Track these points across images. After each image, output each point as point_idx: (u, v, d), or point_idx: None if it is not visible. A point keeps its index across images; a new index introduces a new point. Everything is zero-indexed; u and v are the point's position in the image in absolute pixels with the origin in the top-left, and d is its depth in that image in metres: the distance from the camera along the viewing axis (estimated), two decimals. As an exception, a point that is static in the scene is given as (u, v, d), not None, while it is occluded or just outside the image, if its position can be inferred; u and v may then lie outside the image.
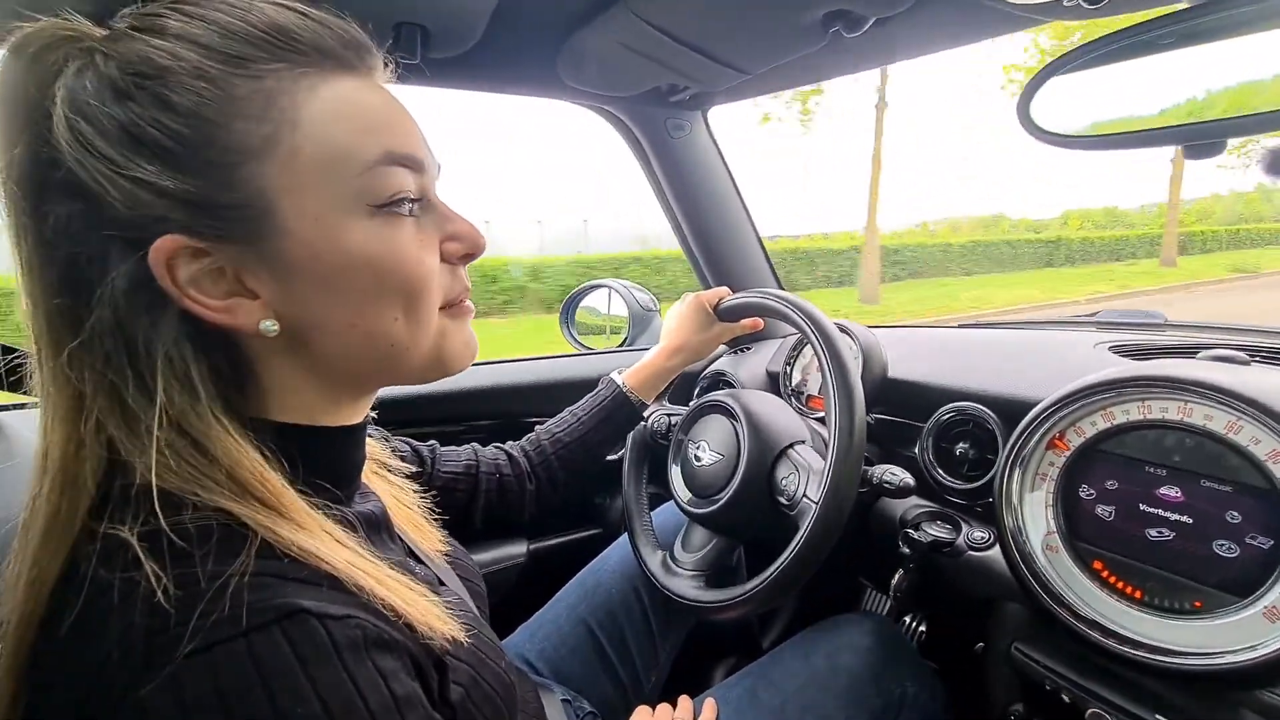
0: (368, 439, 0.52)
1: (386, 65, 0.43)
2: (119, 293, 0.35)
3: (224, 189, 0.36)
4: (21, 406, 0.82)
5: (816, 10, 0.69)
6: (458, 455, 0.80)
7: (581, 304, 1.60)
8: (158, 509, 0.33)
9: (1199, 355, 0.70)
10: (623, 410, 0.89)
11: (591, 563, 0.99)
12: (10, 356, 0.43)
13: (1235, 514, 0.59)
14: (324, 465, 0.43)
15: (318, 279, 0.38)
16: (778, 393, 1.15)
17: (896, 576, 0.88)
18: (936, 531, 0.83)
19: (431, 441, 0.79)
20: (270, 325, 0.38)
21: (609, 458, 1.25)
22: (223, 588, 0.31)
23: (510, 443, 0.86)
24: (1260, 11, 0.46)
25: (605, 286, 1.56)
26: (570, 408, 0.89)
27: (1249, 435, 0.58)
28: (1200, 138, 0.63)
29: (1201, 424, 0.61)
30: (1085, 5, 0.55)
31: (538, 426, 0.88)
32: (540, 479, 0.84)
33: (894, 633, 0.83)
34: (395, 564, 0.42)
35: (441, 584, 0.53)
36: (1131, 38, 0.61)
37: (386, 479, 0.59)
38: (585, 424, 0.87)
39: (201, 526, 0.34)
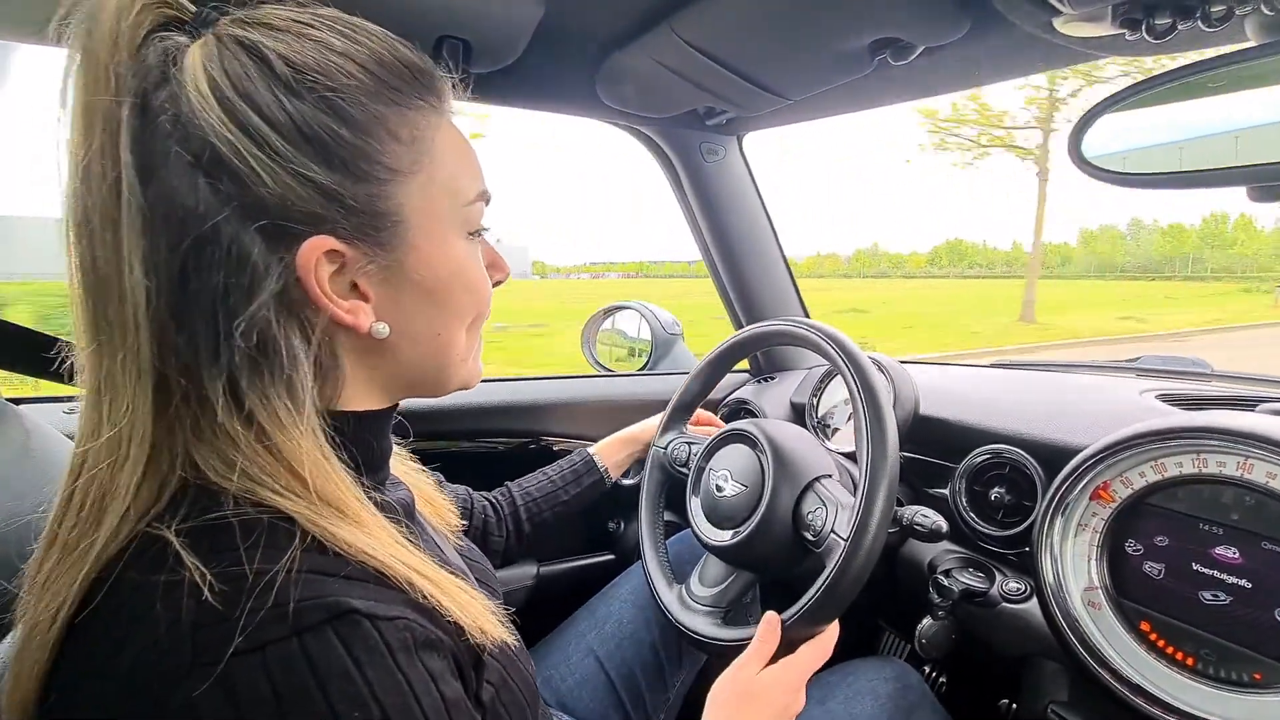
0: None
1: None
2: (258, 283, 0.35)
3: (376, 200, 0.39)
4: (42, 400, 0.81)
5: (865, 36, 0.68)
6: (455, 492, 0.83)
7: (604, 326, 1.59)
8: (203, 506, 0.33)
9: (1259, 408, 0.67)
10: (589, 477, 0.93)
11: (602, 590, 0.96)
12: (54, 347, 0.42)
13: (1301, 581, 0.55)
14: (365, 451, 0.44)
15: (424, 290, 0.42)
16: (802, 425, 1.12)
17: (924, 623, 0.84)
18: (969, 580, 0.79)
19: (436, 475, 0.78)
20: (383, 327, 0.41)
21: (624, 482, 1.23)
22: (269, 584, 0.31)
23: (487, 493, 0.89)
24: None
25: (629, 308, 1.55)
26: (544, 469, 0.93)
27: (1318, 497, 0.54)
28: (1264, 180, 0.60)
29: (1264, 482, 0.57)
30: (1148, 39, 0.53)
31: (508, 483, 0.91)
32: (508, 530, 0.86)
33: (917, 681, 0.79)
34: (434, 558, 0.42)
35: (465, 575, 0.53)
36: (1190, 75, 0.59)
37: (404, 463, 0.61)
38: (554, 483, 0.91)
39: (246, 522, 0.33)
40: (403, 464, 0.60)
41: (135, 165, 0.33)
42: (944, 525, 0.73)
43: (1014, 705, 0.82)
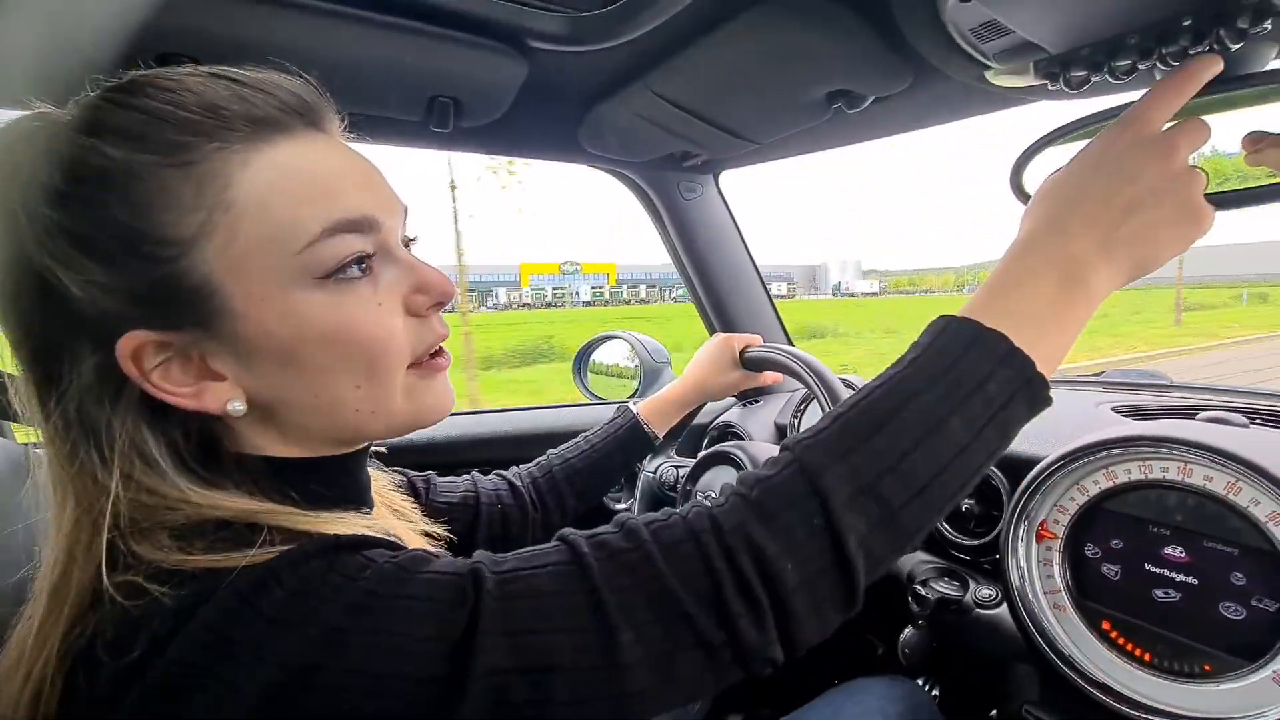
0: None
1: (341, 119, 0.44)
2: (84, 386, 0.37)
3: (170, 282, 0.36)
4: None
5: (821, 88, 0.74)
6: (455, 486, 0.79)
7: (594, 355, 1.64)
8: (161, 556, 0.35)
9: (1199, 416, 0.72)
10: (635, 438, 0.89)
11: None
12: None
13: (1240, 575, 0.59)
14: (332, 488, 0.45)
15: (275, 356, 0.39)
16: (786, 446, 1.16)
17: (905, 634, 0.88)
18: (944, 588, 0.83)
19: (429, 473, 0.79)
20: (237, 406, 0.39)
21: (617, 507, 1.26)
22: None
23: (515, 469, 0.86)
24: (1229, 99, 0.50)
25: (618, 338, 1.60)
26: (584, 434, 0.90)
27: (1249, 496, 0.59)
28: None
29: (1202, 484, 0.62)
30: (1067, 89, 0.59)
31: (549, 451, 0.89)
32: (548, 505, 0.83)
33: (926, 701, 0.81)
34: None
35: None
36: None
37: (390, 504, 0.60)
38: (598, 450, 0.87)
39: (216, 540, 0.36)
40: (386, 504, 0.60)
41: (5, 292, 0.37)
42: None
43: (999, 711, 0.85)
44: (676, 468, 1.05)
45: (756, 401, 1.36)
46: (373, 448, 0.60)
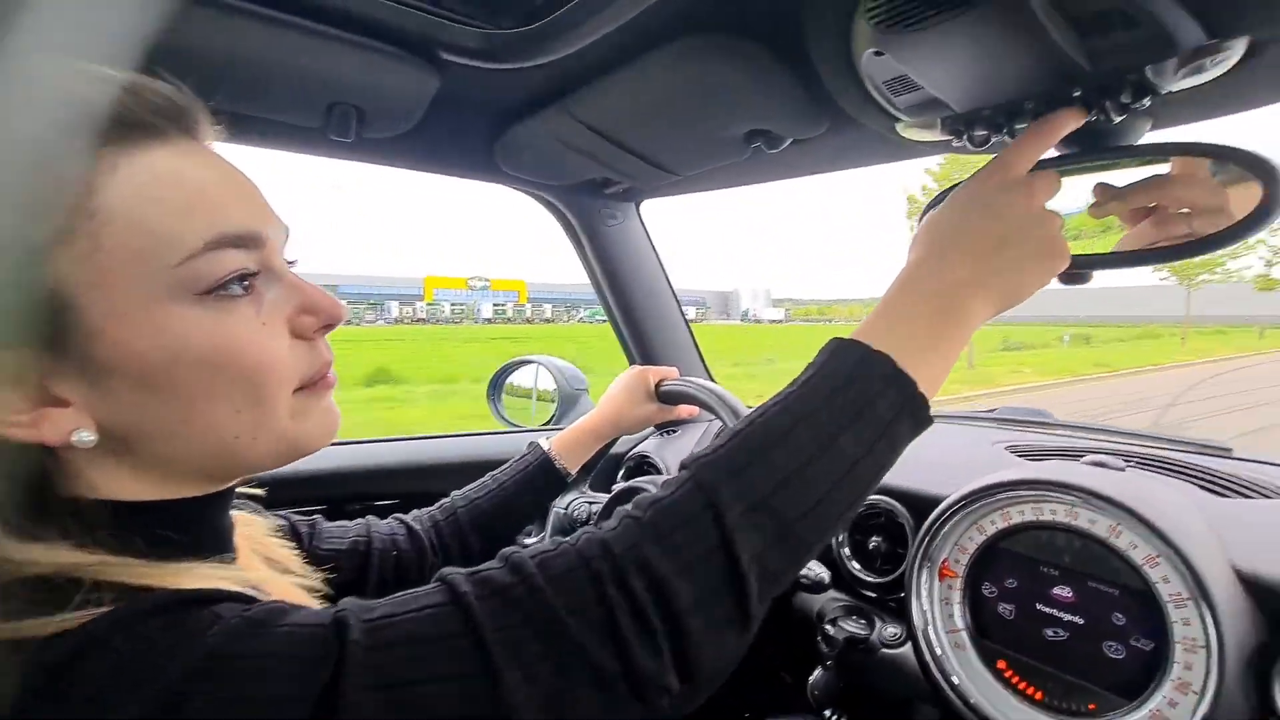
0: (238, 513, 0.48)
1: (216, 124, 0.40)
2: None
3: (10, 290, 0.32)
4: None
5: (740, 127, 0.74)
6: (345, 531, 0.72)
7: (510, 379, 1.59)
8: None
9: (1084, 458, 0.76)
10: (546, 476, 0.85)
11: None
12: None
13: (1120, 616, 0.62)
14: (187, 534, 0.39)
15: (139, 378, 0.35)
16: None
17: (815, 674, 0.87)
18: (852, 627, 0.83)
19: (315, 516, 0.72)
20: (85, 436, 0.34)
21: (526, 542, 1.21)
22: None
23: (417, 511, 0.80)
24: (1111, 164, 0.53)
25: (534, 363, 1.56)
26: (491, 473, 0.85)
27: (1127, 540, 0.62)
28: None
29: (1086, 527, 0.65)
30: (971, 146, 0.61)
31: (453, 492, 0.83)
32: (450, 550, 0.77)
33: None
34: None
35: None
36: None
37: (265, 552, 0.54)
38: (507, 489, 0.82)
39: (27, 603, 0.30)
40: (256, 551, 0.54)
41: None
42: (826, 576, 0.77)
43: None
44: (590, 503, 1.01)
45: (674, 432, 1.35)
46: (246, 488, 0.54)
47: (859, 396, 0.41)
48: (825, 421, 0.40)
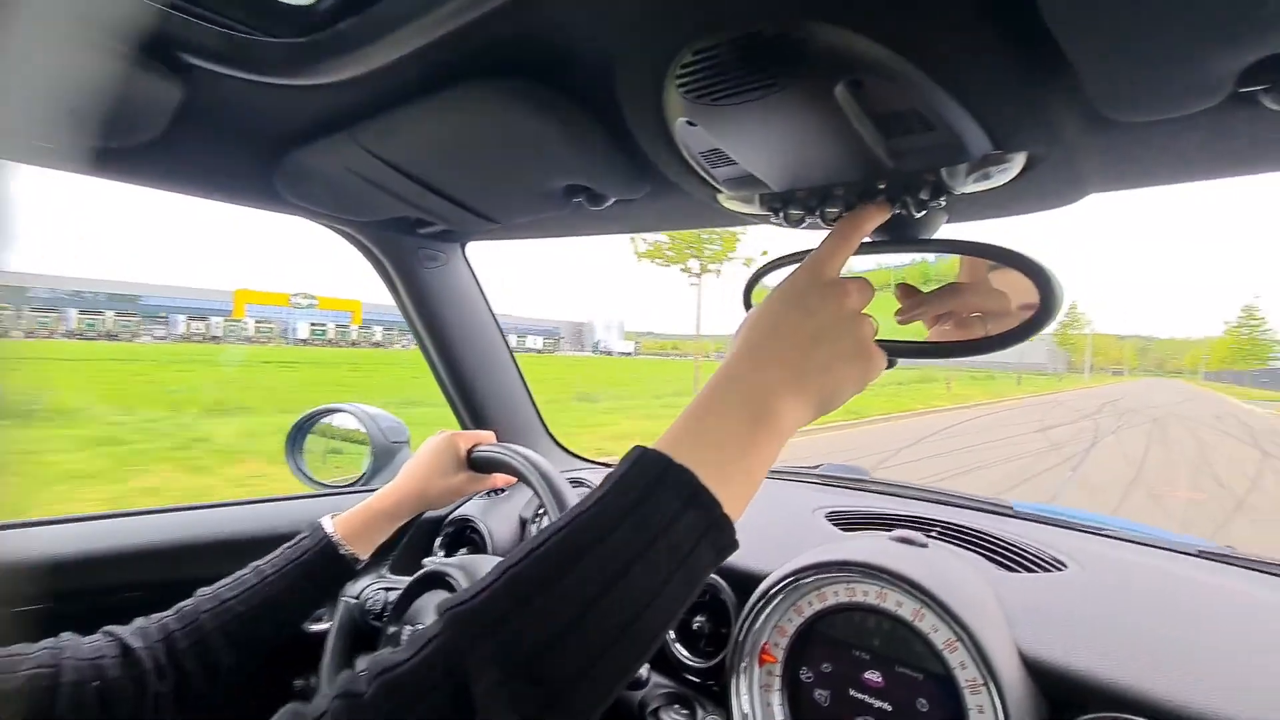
0: None
1: None
2: None
3: None
4: None
5: (558, 181, 0.68)
6: (21, 658, 0.52)
7: (313, 431, 1.37)
8: None
9: (893, 533, 0.77)
10: (327, 565, 0.71)
11: None
12: None
13: (924, 701, 0.62)
14: None
15: None
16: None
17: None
18: (673, 718, 0.77)
19: None
20: None
21: (312, 628, 1.01)
22: None
23: (143, 621, 0.61)
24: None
25: (344, 411, 1.36)
26: (254, 563, 0.69)
27: (930, 623, 0.62)
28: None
29: (894, 609, 0.64)
30: (786, 224, 0.60)
31: (196, 591, 0.65)
32: (184, 670, 0.59)
33: None
34: None
35: None
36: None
37: None
38: (271, 584, 0.67)
39: None
40: None
41: None
42: (644, 672, 0.71)
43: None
44: (387, 589, 0.87)
45: (501, 492, 1.23)
46: None
47: (655, 518, 0.36)
48: (616, 550, 0.35)
